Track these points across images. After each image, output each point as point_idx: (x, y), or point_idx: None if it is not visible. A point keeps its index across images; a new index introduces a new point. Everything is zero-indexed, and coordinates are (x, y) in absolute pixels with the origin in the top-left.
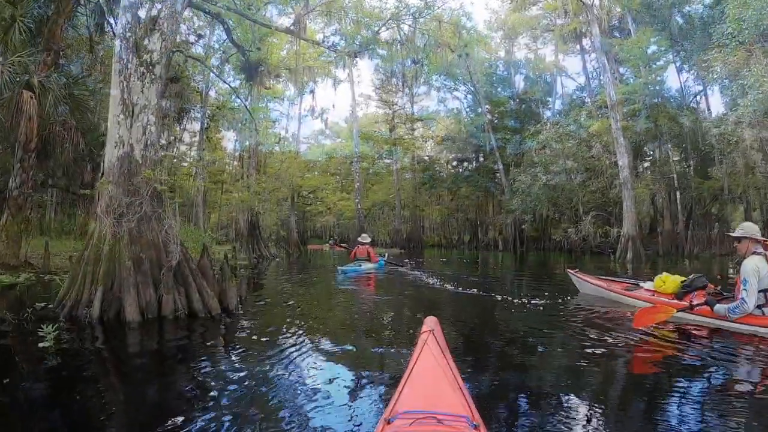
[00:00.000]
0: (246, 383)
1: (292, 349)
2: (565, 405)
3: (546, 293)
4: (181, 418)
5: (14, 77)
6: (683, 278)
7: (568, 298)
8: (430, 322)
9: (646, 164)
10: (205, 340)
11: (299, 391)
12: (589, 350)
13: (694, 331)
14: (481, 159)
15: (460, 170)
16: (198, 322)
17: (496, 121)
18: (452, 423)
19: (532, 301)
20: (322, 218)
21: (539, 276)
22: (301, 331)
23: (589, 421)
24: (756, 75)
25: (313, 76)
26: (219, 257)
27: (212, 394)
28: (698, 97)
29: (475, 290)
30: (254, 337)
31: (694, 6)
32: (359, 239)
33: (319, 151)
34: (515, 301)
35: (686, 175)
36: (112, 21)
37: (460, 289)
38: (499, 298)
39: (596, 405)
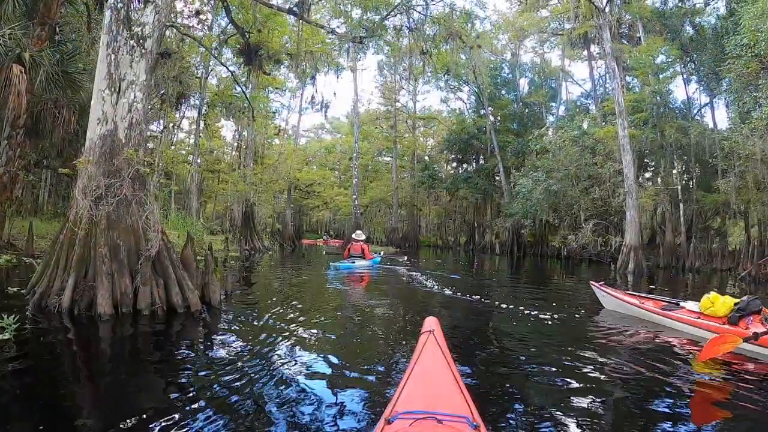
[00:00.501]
0: (228, 386)
1: (281, 349)
2: (568, 411)
3: (554, 304)
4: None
5: (5, 50)
6: (736, 300)
7: (583, 311)
8: (431, 323)
9: (647, 175)
10: (182, 338)
11: (292, 393)
12: (606, 367)
13: (746, 365)
14: (482, 161)
15: (460, 171)
16: (176, 318)
17: (498, 123)
18: (452, 423)
19: (540, 315)
20: (318, 212)
21: (542, 284)
22: (290, 331)
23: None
24: None
25: (315, 62)
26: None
27: (188, 399)
28: (702, 110)
29: (478, 296)
30: (237, 337)
31: (705, 18)
32: (353, 236)
33: (319, 145)
34: (524, 311)
35: (689, 187)
36: None
37: (459, 294)
38: (503, 306)
39: (602, 415)
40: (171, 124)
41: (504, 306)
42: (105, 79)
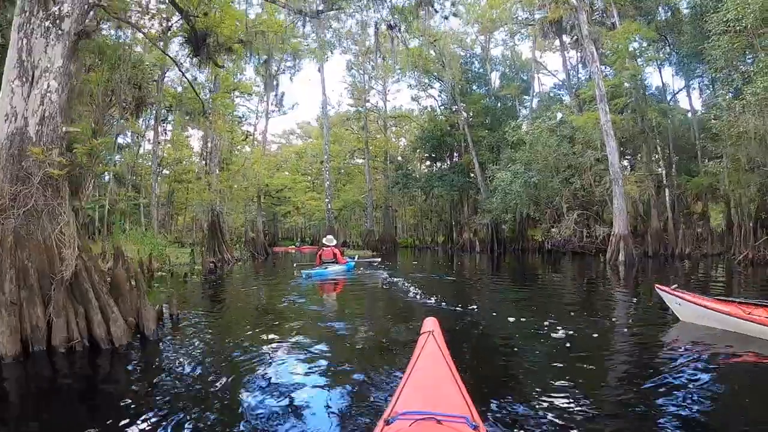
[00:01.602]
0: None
1: (241, 375)
2: (568, 410)
3: (571, 313)
4: None
5: None
6: None
7: (607, 322)
8: (430, 324)
9: (624, 162)
10: (102, 382)
11: (273, 407)
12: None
13: None
14: (456, 158)
15: (434, 169)
16: (100, 355)
17: (471, 118)
18: (452, 423)
19: (553, 327)
20: (291, 218)
21: (534, 283)
22: (255, 353)
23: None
24: (765, 60)
25: (269, 46)
26: (178, 261)
27: None
28: (677, 96)
29: (474, 308)
30: (177, 377)
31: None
32: (324, 241)
33: (290, 150)
34: (537, 323)
35: (669, 173)
36: None
37: (444, 304)
38: (511, 319)
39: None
40: (136, 135)
41: (512, 319)
42: (15, 67)
